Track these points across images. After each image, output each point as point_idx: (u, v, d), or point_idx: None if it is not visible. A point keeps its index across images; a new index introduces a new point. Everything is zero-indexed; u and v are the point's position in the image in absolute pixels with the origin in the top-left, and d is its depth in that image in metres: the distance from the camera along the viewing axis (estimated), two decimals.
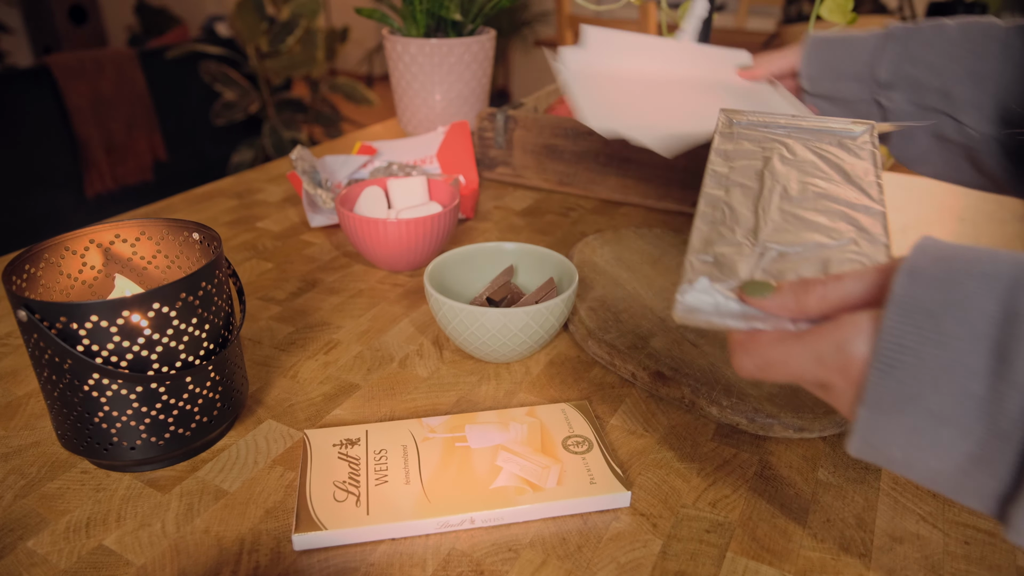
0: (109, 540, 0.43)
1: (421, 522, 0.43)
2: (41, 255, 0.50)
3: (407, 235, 0.71)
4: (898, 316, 0.30)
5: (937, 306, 0.29)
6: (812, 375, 0.33)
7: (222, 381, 0.49)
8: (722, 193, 0.46)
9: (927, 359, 0.29)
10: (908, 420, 0.30)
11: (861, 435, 0.32)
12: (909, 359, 0.29)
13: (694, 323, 0.36)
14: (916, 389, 0.29)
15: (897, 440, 0.31)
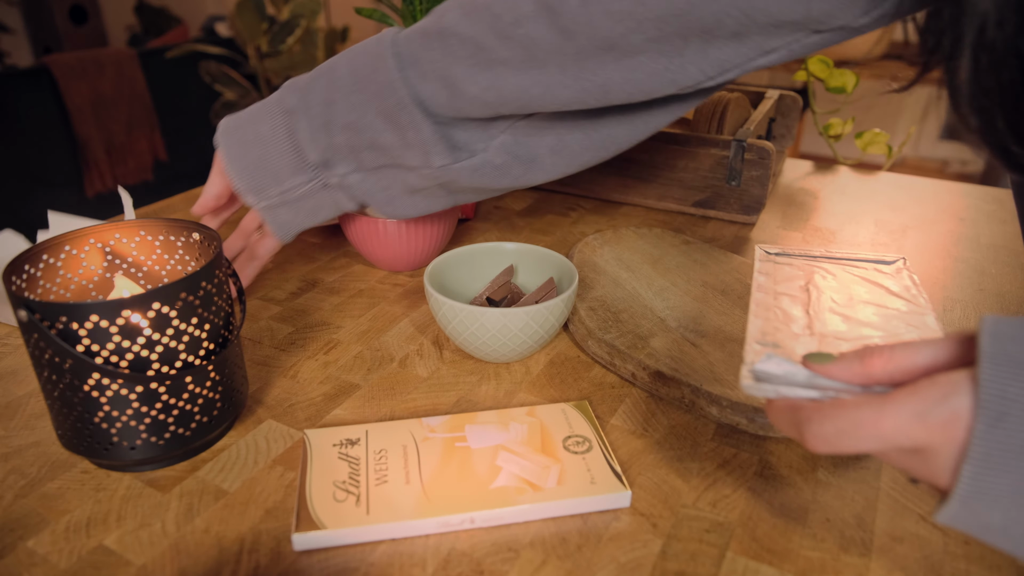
0: (109, 540, 0.43)
1: (421, 522, 0.43)
2: (41, 255, 0.50)
3: (407, 235, 0.71)
4: (994, 368, 0.29)
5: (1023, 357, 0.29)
6: (908, 436, 0.31)
7: (222, 381, 0.49)
8: (771, 299, 0.47)
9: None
10: (1015, 477, 0.29)
11: (962, 497, 0.30)
12: (1016, 410, 0.28)
13: (763, 394, 0.36)
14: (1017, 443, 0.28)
15: (1001, 500, 0.29)
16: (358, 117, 0.59)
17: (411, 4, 1.10)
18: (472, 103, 0.56)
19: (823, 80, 1.07)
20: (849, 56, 2.16)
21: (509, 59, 0.53)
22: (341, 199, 0.64)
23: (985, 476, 0.29)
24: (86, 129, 2.52)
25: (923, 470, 0.32)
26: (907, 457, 0.32)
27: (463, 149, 0.60)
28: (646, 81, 0.53)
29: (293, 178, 0.62)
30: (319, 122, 0.60)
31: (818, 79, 1.08)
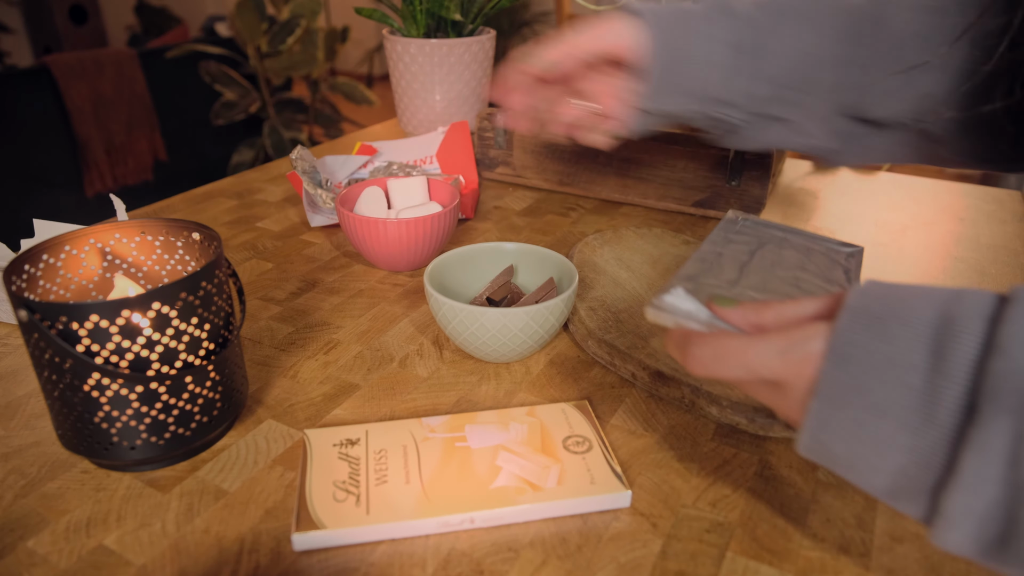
0: (109, 540, 0.43)
1: (421, 522, 0.43)
2: (41, 255, 0.50)
3: (407, 235, 0.71)
4: (849, 318, 0.33)
5: (884, 312, 0.33)
6: (770, 369, 0.35)
7: (222, 381, 0.49)
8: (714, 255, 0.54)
9: (874, 353, 0.32)
10: (853, 413, 0.33)
11: (811, 430, 0.34)
12: (858, 353, 0.33)
13: (662, 322, 0.41)
14: (863, 381, 0.32)
15: (842, 434, 0.33)
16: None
17: (411, 4, 1.10)
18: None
19: None
20: None
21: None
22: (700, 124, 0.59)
23: (828, 411, 0.33)
24: (86, 129, 2.52)
25: (781, 404, 0.36)
26: (768, 390, 0.37)
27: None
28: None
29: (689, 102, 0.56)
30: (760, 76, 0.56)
31: None
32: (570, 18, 2.43)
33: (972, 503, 0.30)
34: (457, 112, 1.16)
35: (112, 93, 2.58)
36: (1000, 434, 0.29)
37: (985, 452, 0.29)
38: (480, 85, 1.17)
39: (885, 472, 0.33)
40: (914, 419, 0.31)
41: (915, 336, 0.32)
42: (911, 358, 0.32)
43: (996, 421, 0.29)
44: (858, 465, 0.34)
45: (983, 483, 0.29)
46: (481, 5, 1.13)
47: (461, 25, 1.13)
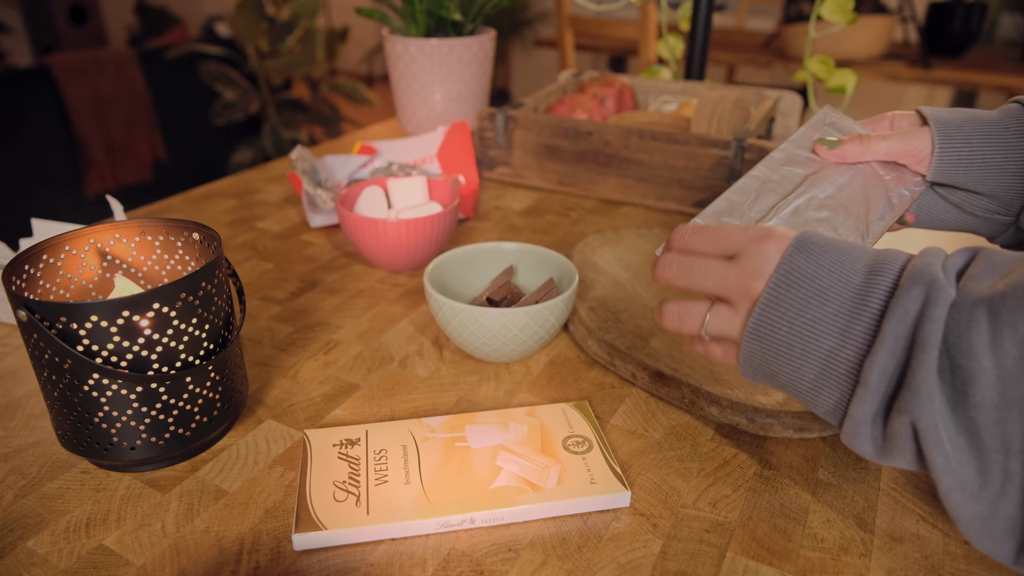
0: (109, 540, 0.43)
1: (421, 522, 0.43)
2: (41, 255, 0.50)
3: (407, 235, 0.71)
4: (797, 247, 0.39)
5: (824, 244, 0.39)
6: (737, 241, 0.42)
7: (222, 381, 0.49)
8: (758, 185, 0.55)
9: (829, 252, 0.39)
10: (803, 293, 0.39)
11: (767, 303, 0.40)
12: (816, 250, 0.39)
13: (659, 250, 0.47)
14: (816, 270, 0.39)
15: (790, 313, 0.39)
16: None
17: (411, 4, 1.10)
18: None
19: (823, 80, 1.07)
20: (849, 56, 2.16)
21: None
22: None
23: (783, 289, 0.39)
24: (86, 129, 2.52)
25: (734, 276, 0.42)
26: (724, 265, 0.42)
27: None
28: None
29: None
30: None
31: (818, 79, 1.08)
32: (570, 18, 2.43)
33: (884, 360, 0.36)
34: (457, 112, 1.16)
35: (112, 93, 2.58)
36: (914, 300, 0.35)
37: (900, 315, 0.35)
38: (480, 85, 1.17)
39: (816, 356, 0.38)
40: (849, 306, 0.38)
41: (859, 255, 0.39)
42: (856, 265, 0.38)
43: (913, 289, 0.35)
44: (795, 348, 0.39)
45: (894, 342, 0.35)
46: (481, 5, 1.13)
47: (461, 25, 1.13)
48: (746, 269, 0.41)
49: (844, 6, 1.03)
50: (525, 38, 4.52)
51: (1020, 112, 0.55)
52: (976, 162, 0.55)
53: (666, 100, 1.14)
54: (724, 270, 0.42)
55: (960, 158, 0.55)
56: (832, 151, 0.57)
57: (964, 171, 0.56)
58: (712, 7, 1.19)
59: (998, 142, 0.55)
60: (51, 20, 4.23)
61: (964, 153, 0.55)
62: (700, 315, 0.44)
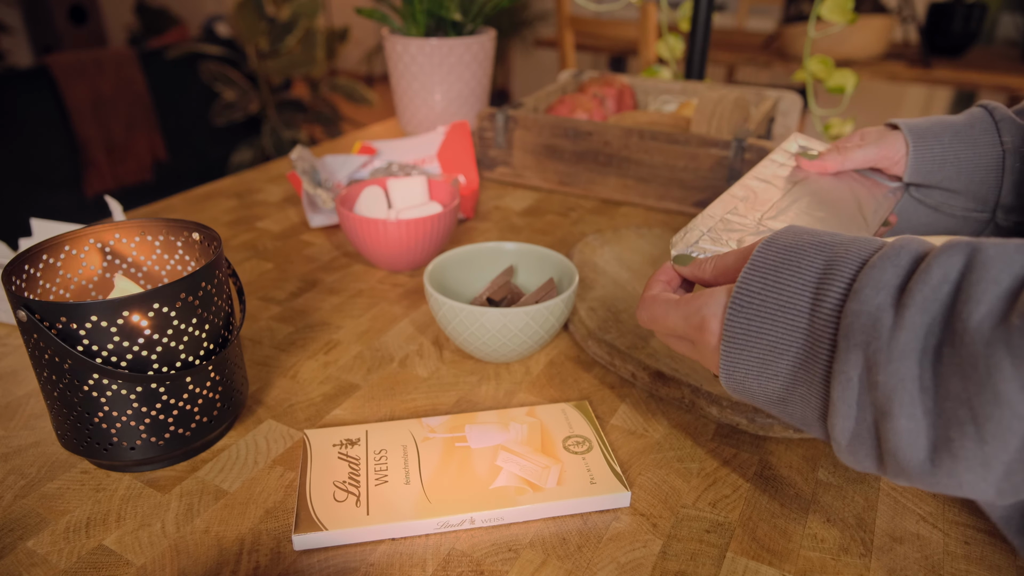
0: (109, 540, 0.43)
1: (421, 522, 0.43)
2: (41, 255, 0.50)
3: (407, 235, 0.71)
4: (749, 271, 0.39)
5: (781, 262, 0.38)
6: (681, 330, 0.43)
7: (222, 381, 0.49)
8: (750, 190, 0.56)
9: (767, 301, 0.38)
10: (756, 353, 0.38)
11: (726, 370, 0.40)
12: (755, 302, 0.38)
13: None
14: (759, 325, 0.38)
15: (751, 372, 0.39)
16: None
17: (411, 4, 1.10)
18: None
19: (823, 80, 1.07)
20: (849, 56, 2.16)
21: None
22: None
23: (736, 352, 0.39)
24: (86, 129, 2.52)
25: (698, 356, 0.43)
26: (687, 346, 0.44)
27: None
28: None
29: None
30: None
31: (818, 79, 1.08)
32: (570, 18, 2.43)
33: (845, 425, 0.35)
34: (457, 112, 1.16)
35: (112, 93, 2.58)
36: (853, 365, 0.33)
37: (843, 382, 0.34)
38: (480, 85, 1.17)
39: (794, 403, 0.38)
40: (804, 354, 0.36)
41: (802, 284, 0.37)
42: (797, 303, 0.37)
43: (850, 354, 0.34)
44: (772, 397, 0.39)
45: (847, 407, 0.34)
46: (481, 5, 1.13)
47: (461, 25, 1.13)
48: (704, 354, 0.42)
49: (844, 6, 1.03)
50: (525, 38, 4.52)
51: (984, 114, 0.58)
52: (949, 159, 0.58)
53: (666, 100, 1.14)
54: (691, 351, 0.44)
55: (934, 156, 0.58)
56: (813, 162, 0.60)
57: (939, 169, 0.58)
58: (712, 7, 1.19)
59: (966, 139, 0.58)
60: (51, 20, 4.23)
61: (937, 151, 0.58)
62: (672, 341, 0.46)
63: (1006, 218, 0.58)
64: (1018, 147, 0.57)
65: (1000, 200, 0.58)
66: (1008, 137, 0.57)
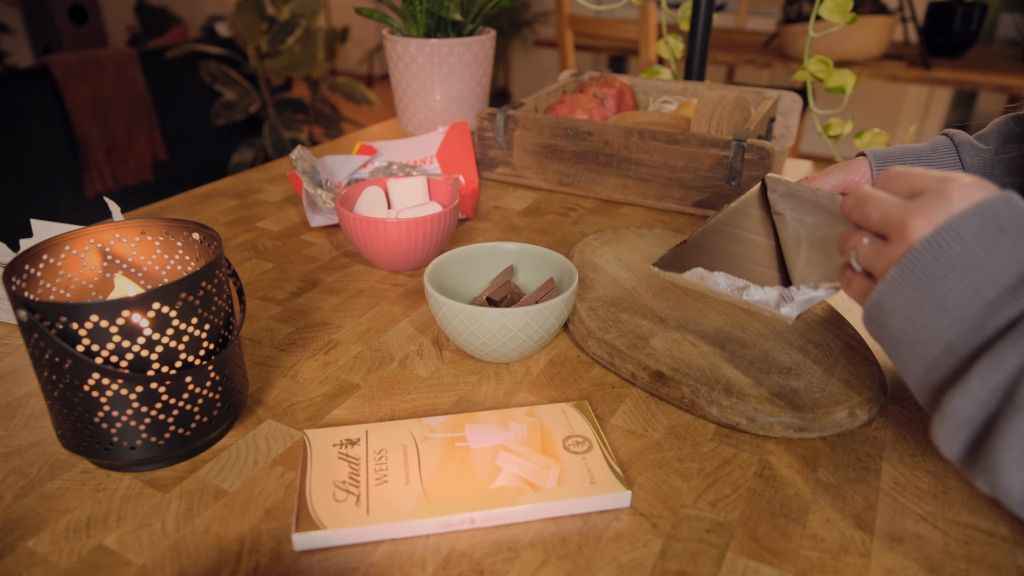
0: (109, 540, 0.43)
1: (421, 522, 0.43)
2: (41, 255, 0.50)
3: (407, 235, 0.71)
4: (972, 214, 0.35)
5: (1008, 226, 0.35)
6: (923, 182, 0.39)
7: (222, 381, 0.49)
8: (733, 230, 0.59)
9: (969, 255, 0.35)
10: (920, 295, 0.36)
11: (880, 294, 0.37)
12: (957, 248, 0.35)
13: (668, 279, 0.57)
14: (943, 272, 0.35)
15: (902, 311, 0.36)
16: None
17: (411, 4, 1.10)
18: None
19: (823, 80, 1.07)
20: (849, 56, 2.16)
21: None
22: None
23: (901, 284, 0.37)
24: (86, 129, 2.52)
25: (880, 259, 0.39)
26: (876, 244, 0.40)
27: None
28: None
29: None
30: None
31: (818, 79, 1.08)
32: (570, 18, 2.43)
33: (966, 404, 0.33)
34: (457, 112, 1.16)
35: (112, 93, 2.58)
36: (1017, 355, 0.32)
37: (996, 363, 0.32)
38: (480, 85, 1.17)
39: (921, 361, 0.36)
40: (966, 324, 0.34)
41: (1016, 260, 0.34)
42: (999, 274, 0.34)
43: (1020, 343, 0.32)
44: (902, 347, 0.37)
45: (982, 387, 0.33)
46: (481, 5, 1.13)
47: (461, 25, 1.13)
48: (913, 206, 0.38)
49: (843, 6, 1.03)
50: (525, 38, 4.52)
51: (947, 142, 0.61)
52: None
53: (666, 100, 1.14)
54: (892, 205, 0.39)
55: None
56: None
57: None
58: (712, 7, 1.19)
59: (928, 162, 0.60)
60: (51, 20, 4.23)
61: None
62: (859, 238, 0.42)
63: None
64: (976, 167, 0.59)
65: None
66: (968, 159, 0.59)
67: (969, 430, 0.33)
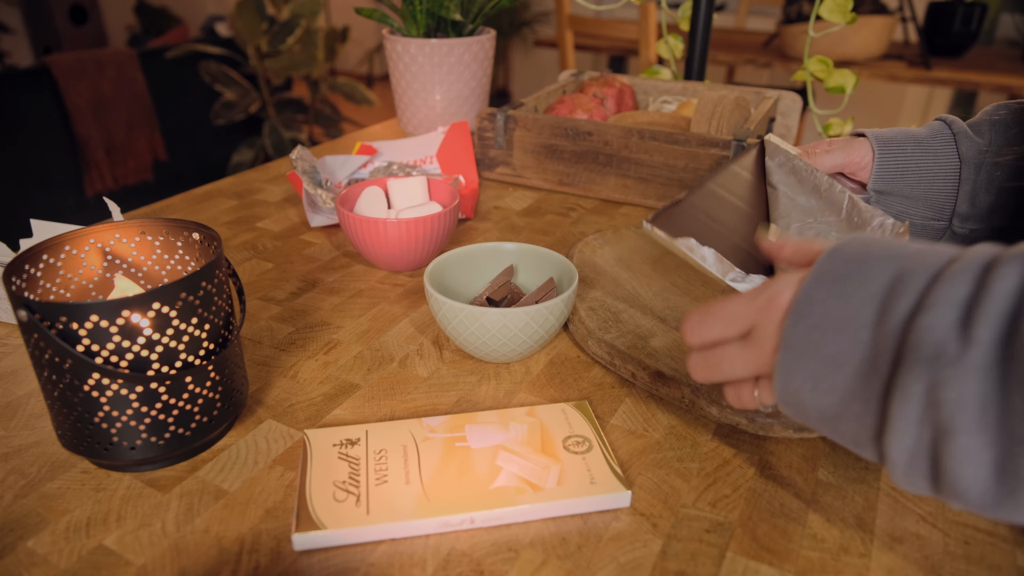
0: (109, 540, 0.43)
1: (421, 522, 0.43)
2: (41, 255, 0.50)
3: (407, 235, 0.71)
4: (813, 280, 0.37)
5: (848, 272, 0.36)
6: (743, 315, 0.40)
7: (222, 381, 0.49)
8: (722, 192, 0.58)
9: (831, 311, 0.36)
10: (814, 365, 0.36)
11: (780, 379, 0.38)
12: (818, 310, 0.36)
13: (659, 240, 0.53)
14: (819, 336, 0.36)
15: (807, 385, 0.37)
16: None
17: (411, 4, 1.10)
18: None
19: (823, 80, 1.08)
20: (849, 56, 2.16)
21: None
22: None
23: (793, 362, 0.37)
24: (86, 129, 2.52)
25: (754, 355, 0.40)
26: (743, 349, 0.41)
27: None
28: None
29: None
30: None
31: (818, 79, 1.08)
32: (570, 18, 2.43)
33: (902, 444, 0.33)
34: (457, 112, 1.16)
35: (112, 93, 2.58)
36: (918, 380, 0.32)
37: (905, 398, 0.33)
38: (480, 85, 1.17)
39: (848, 420, 0.36)
40: (864, 369, 0.35)
41: (869, 296, 0.35)
42: (863, 315, 0.35)
43: (915, 368, 0.32)
44: (825, 414, 0.37)
45: (906, 424, 0.33)
46: (481, 5, 1.13)
47: (461, 25, 1.13)
48: (762, 347, 0.40)
49: (843, 6, 1.03)
50: (525, 38, 4.52)
51: (943, 127, 0.62)
52: (911, 167, 0.61)
53: (666, 100, 1.14)
54: (745, 355, 0.41)
55: (897, 164, 0.61)
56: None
57: (901, 176, 0.62)
58: (712, 7, 1.19)
59: (927, 149, 0.61)
60: (51, 20, 4.23)
61: (901, 159, 0.61)
62: (749, 394, 0.44)
63: (962, 226, 0.62)
64: (971, 159, 0.60)
65: (956, 209, 0.61)
66: (964, 149, 0.61)
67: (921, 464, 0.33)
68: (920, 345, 0.32)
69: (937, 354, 0.32)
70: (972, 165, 0.60)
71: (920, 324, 0.33)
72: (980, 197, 0.60)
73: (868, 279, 0.36)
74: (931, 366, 0.32)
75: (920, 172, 0.61)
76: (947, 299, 0.32)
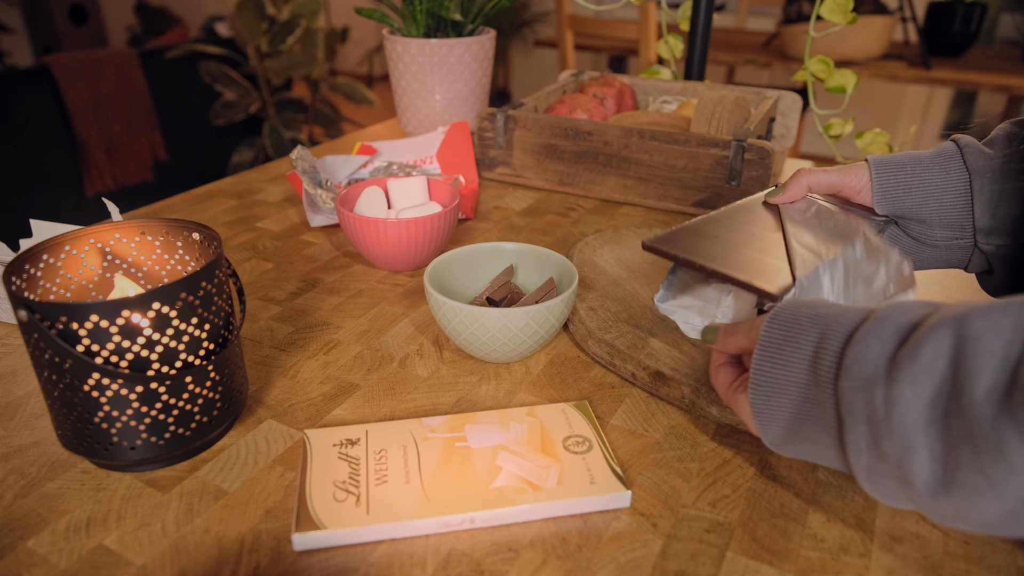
0: (109, 540, 0.43)
1: (421, 522, 0.43)
2: (41, 255, 0.50)
3: (407, 235, 0.71)
4: (759, 350, 0.42)
5: (783, 339, 0.41)
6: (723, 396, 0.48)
7: (222, 381, 0.49)
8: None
9: (779, 378, 0.41)
10: (779, 425, 0.41)
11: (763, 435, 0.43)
12: (768, 380, 0.41)
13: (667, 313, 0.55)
14: (777, 401, 0.41)
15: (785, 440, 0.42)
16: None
17: (411, 4, 1.10)
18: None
19: (823, 80, 1.07)
20: (849, 56, 2.16)
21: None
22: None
23: (764, 424, 0.42)
24: (86, 129, 2.52)
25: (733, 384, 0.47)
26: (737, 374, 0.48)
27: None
28: None
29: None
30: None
31: (818, 79, 1.08)
32: (570, 18, 2.43)
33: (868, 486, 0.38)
34: (457, 112, 1.16)
35: (112, 93, 2.58)
36: (861, 436, 0.36)
37: (855, 452, 0.37)
38: (480, 85, 1.17)
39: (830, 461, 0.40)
40: (819, 427, 0.39)
41: (801, 359, 0.39)
42: (800, 378, 0.40)
43: (857, 427, 0.36)
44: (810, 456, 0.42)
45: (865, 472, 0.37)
46: (481, 5, 1.13)
47: (461, 25, 1.13)
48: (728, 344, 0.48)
49: (844, 6, 1.03)
50: (525, 38, 4.52)
51: (949, 144, 0.60)
52: (914, 184, 0.59)
53: (666, 100, 1.14)
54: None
55: (898, 183, 0.59)
56: (779, 196, 0.61)
57: (905, 195, 0.59)
58: (712, 7, 1.19)
59: (932, 166, 0.59)
60: (51, 20, 4.23)
61: (900, 178, 0.59)
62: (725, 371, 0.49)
63: (987, 242, 0.58)
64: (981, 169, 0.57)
65: (976, 224, 0.58)
66: (972, 161, 0.58)
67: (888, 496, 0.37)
68: (852, 406, 0.36)
69: (869, 413, 0.35)
70: (984, 176, 0.57)
71: (843, 386, 0.37)
72: (1001, 208, 0.57)
73: (799, 343, 0.40)
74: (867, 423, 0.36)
75: (925, 189, 0.59)
76: (861, 358, 0.36)
